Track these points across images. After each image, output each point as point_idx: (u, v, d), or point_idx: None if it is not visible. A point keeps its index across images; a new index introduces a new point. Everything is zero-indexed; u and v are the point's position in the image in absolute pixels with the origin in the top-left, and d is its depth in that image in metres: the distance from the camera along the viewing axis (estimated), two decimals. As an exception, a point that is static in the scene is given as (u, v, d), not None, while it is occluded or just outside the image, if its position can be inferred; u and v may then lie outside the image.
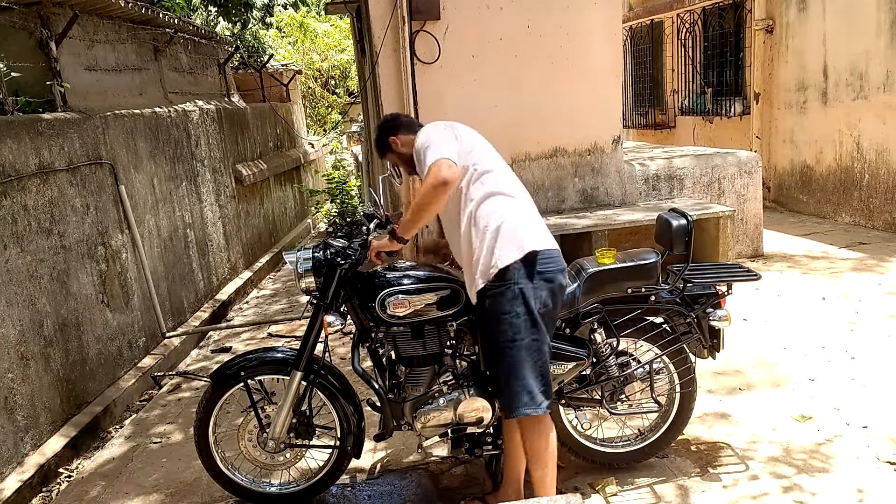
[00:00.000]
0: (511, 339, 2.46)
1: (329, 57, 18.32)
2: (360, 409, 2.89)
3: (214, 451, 2.94)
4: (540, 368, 2.47)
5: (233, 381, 2.85)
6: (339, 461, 2.94)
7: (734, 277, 2.99)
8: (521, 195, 2.60)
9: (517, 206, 2.54)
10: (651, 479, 2.95)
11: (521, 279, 2.44)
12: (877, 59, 6.80)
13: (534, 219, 2.57)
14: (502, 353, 2.49)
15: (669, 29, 10.29)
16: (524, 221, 2.51)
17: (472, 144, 2.57)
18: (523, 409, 2.45)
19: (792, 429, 3.29)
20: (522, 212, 2.54)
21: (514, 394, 2.46)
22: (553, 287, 2.49)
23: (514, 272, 2.43)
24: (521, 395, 2.45)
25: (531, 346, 2.45)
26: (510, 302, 2.44)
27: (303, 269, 2.69)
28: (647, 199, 6.18)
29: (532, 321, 2.44)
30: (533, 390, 2.45)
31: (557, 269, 2.51)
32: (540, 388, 2.46)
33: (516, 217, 2.50)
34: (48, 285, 3.89)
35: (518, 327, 2.44)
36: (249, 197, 8.21)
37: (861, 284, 5.30)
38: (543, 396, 2.46)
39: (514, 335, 2.45)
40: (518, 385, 2.45)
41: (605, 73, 5.82)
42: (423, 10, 5.31)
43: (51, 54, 4.49)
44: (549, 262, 2.49)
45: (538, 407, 2.45)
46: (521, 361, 2.45)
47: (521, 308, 2.43)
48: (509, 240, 2.45)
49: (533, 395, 2.44)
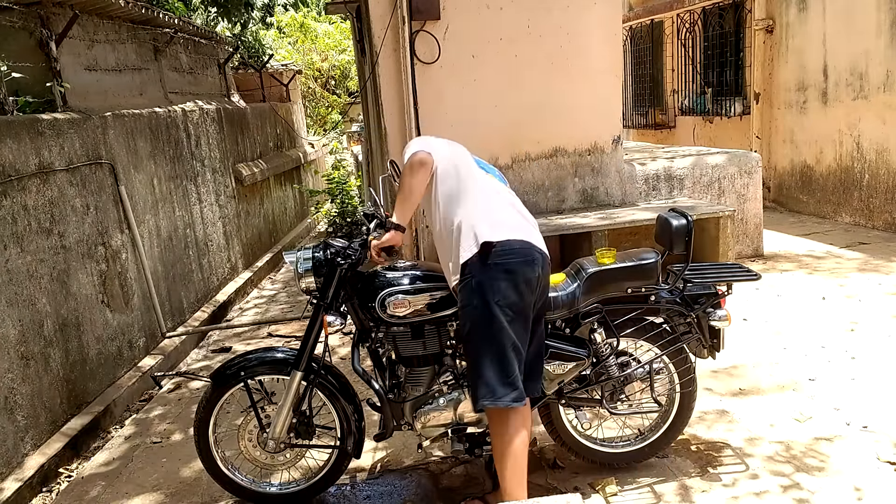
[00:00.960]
0: (468, 332, 2.49)
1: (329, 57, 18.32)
2: (360, 409, 2.89)
3: (214, 451, 2.94)
4: (499, 361, 2.44)
5: (233, 381, 2.85)
6: (339, 461, 2.94)
7: (734, 277, 2.99)
8: (489, 193, 2.63)
9: (479, 202, 2.57)
10: (651, 479, 2.95)
11: (477, 272, 2.46)
12: (877, 59, 6.80)
13: (499, 213, 2.58)
14: (465, 345, 2.55)
15: (669, 29, 10.29)
16: (485, 215, 2.53)
17: (441, 147, 2.63)
18: (482, 400, 2.45)
19: (792, 428, 3.29)
20: (484, 207, 2.56)
21: (474, 386, 2.49)
22: (514, 278, 2.46)
23: (471, 266, 2.47)
24: (480, 387, 2.45)
25: (489, 338, 2.45)
26: (468, 295, 2.48)
27: (303, 268, 2.69)
28: (646, 199, 6.18)
29: (489, 313, 2.43)
30: (490, 382, 2.43)
31: (520, 260, 2.48)
32: (499, 380, 2.43)
33: (476, 213, 2.53)
34: (48, 285, 3.89)
35: (475, 319, 2.46)
36: (249, 197, 8.21)
37: (861, 284, 5.30)
38: (504, 389, 2.43)
39: (472, 328, 2.48)
40: (476, 377, 2.47)
41: (605, 73, 5.83)
42: (423, 10, 5.31)
43: (51, 54, 4.49)
44: (509, 254, 2.47)
45: (498, 400, 2.43)
46: (480, 354, 2.46)
47: (478, 300, 2.44)
48: (467, 235, 2.50)
49: (491, 388, 2.43)
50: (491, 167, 2.87)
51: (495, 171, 2.88)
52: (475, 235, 2.48)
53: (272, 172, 9.09)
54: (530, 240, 2.55)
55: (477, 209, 2.54)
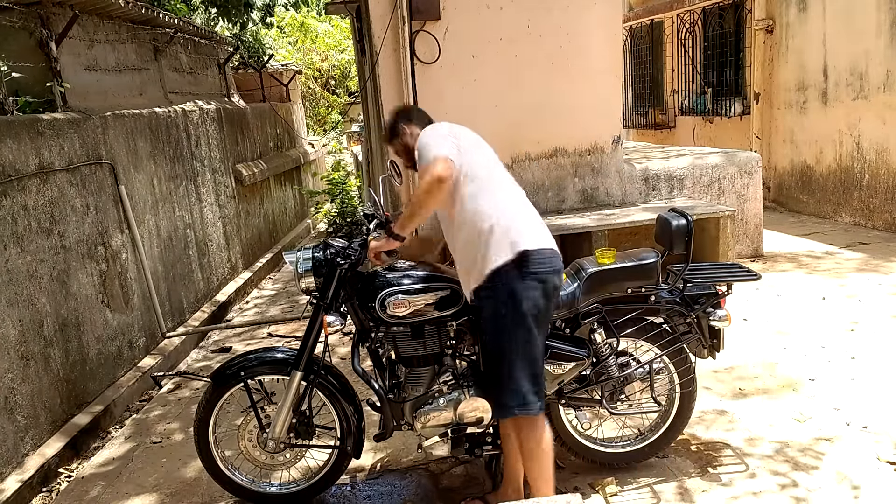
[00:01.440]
0: (501, 341, 2.46)
1: (329, 57, 18.32)
2: (360, 410, 2.89)
3: (214, 451, 2.94)
4: (531, 370, 2.46)
5: (233, 381, 2.85)
6: (339, 461, 2.94)
7: (734, 277, 2.99)
8: (516, 195, 2.59)
9: (510, 205, 2.52)
10: (651, 479, 2.95)
11: (512, 280, 2.42)
12: (877, 59, 6.80)
13: (528, 218, 2.54)
14: (494, 354, 2.50)
15: (669, 29, 10.29)
16: (517, 221, 2.49)
17: (471, 146, 2.56)
18: (514, 410, 2.46)
19: (792, 428, 3.29)
20: (515, 211, 2.52)
21: (505, 395, 2.47)
22: (546, 287, 2.46)
23: (504, 273, 2.42)
24: (513, 397, 2.45)
25: (521, 347, 2.45)
26: (501, 303, 2.43)
27: (303, 269, 2.70)
28: (646, 199, 6.18)
29: (522, 322, 2.43)
30: (524, 391, 2.44)
31: (551, 269, 2.47)
32: (531, 389, 2.45)
33: (509, 217, 2.48)
34: (48, 285, 3.89)
35: (508, 328, 2.43)
36: (249, 197, 8.21)
37: (861, 284, 5.30)
38: (535, 397, 2.46)
39: (501, 336, 2.45)
40: (509, 386, 2.46)
41: (605, 73, 5.82)
42: (423, 10, 5.31)
43: (51, 54, 4.49)
44: (542, 263, 2.45)
45: (529, 408, 2.45)
46: (512, 363, 2.45)
47: (509, 309, 2.42)
48: (500, 240, 2.43)
49: (524, 397, 2.44)
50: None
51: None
52: (511, 243, 2.43)
53: (272, 172, 9.09)
54: (556, 247, 2.54)
55: (508, 213, 2.49)
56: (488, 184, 2.52)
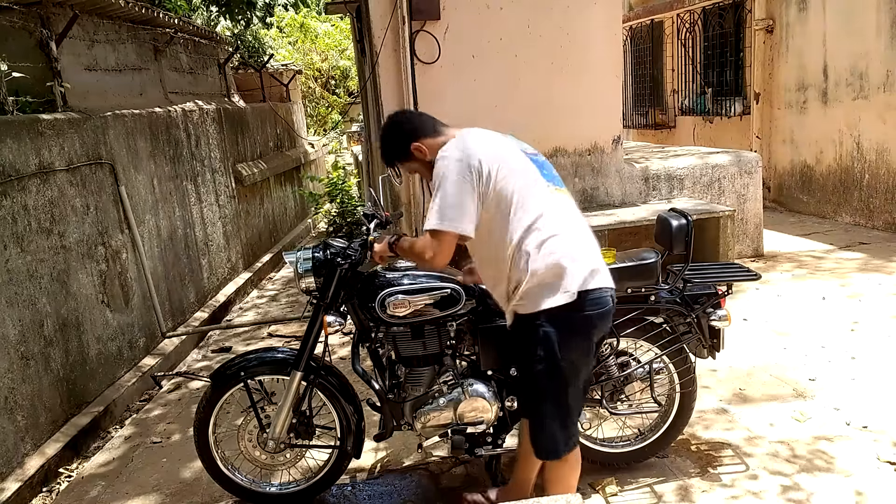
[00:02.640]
0: (534, 386, 2.33)
1: (329, 57, 18.32)
2: (360, 410, 2.89)
3: (214, 451, 2.94)
4: (559, 415, 2.32)
5: (232, 381, 2.85)
6: (338, 461, 2.94)
7: (734, 277, 2.99)
8: (573, 216, 2.32)
9: (567, 232, 2.25)
10: (651, 479, 2.95)
11: (553, 323, 2.21)
12: (877, 59, 6.80)
13: (587, 246, 2.29)
14: (526, 394, 2.40)
15: (669, 29, 10.29)
16: (573, 251, 2.23)
17: (502, 172, 2.21)
18: (543, 454, 2.38)
19: (792, 428, 3.29)
20: (573, 239, 2.25)
21: (537, 437, 2.37)
22: (591, 334, 2.29)
23: (551, 314, 2.20)
24: (544, 441, 2.35)
25: (551, 393, 2.31)
26: (534, 345, 2.25)
27: (303, 269, 2.70)
28: (646, 199, 6.18)
29: (555, 370, 2.25)
30: (555, 438, 2.33)
31: (601, 311, 2.25)
32: (563, 439, 2.34)
33: (565, 246, 2.21)
34: (48, 285, 3.89)
35: (541, 375, 2.27)
36: (249, 197, 8.21)
37: (861, 284, 5.30)
38: (566, 447, 2.35)
39: (538, 383, 2.30)
40: (540, 434, 2.36)
41: (605, 73, 5.83)
42: (423, 10, 5.31)
43: (51, 54, 4.49)
44: (595, 306, 2.23)
45: (557, 454, 2.36)
46: (544, 411, 2.33)
47: (545, 353, 2.24)
48: (555, 277, 2.18)
49: (554, 444, 2.34)
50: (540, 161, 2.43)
51: (544, 163, 2.44)
52: (568, 279, 2.18)
53: (272, 172, 9.09)
54: (607, 281, 2.30)
55: (564, 242, 2.21)
56: (537, 214, 2.22)
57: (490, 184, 2.20)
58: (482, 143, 2.27)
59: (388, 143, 2.46)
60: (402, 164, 2.48)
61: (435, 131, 2.39)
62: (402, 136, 2.40)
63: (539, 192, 2.27)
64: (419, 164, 2.42)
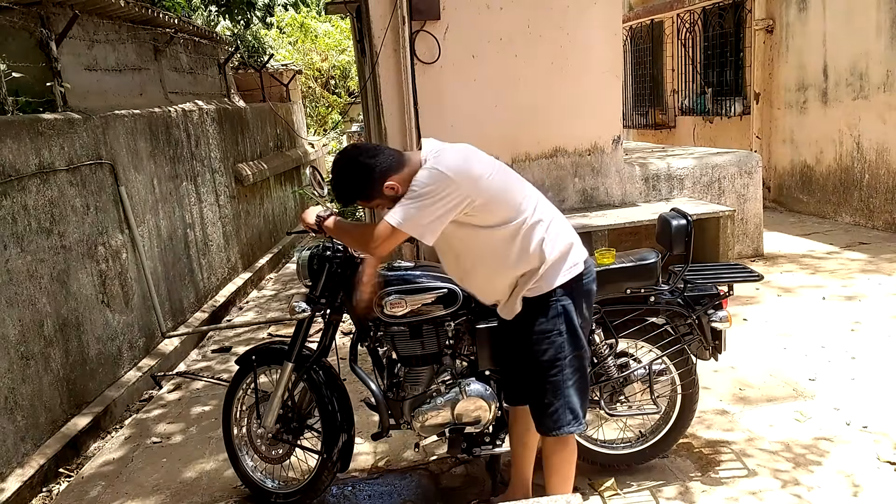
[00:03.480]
0: (556, 358, 2.38)
1: (329, 57, 18.33)
2: (352, 417, 2.85)
3: (234, 426, 3.02)
4: (583, 385, 2.44)
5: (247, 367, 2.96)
6: (320, 471, 2.84)
7: (735, 277, 2.98)
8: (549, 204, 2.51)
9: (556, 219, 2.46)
10: (651, 479, 2.95)
11: (567, 296, 2.38)
12: (877, 59, 6.80)
13: (569, 227, 2.51)
14: (546, 372, 2.40)
15: (669, 29, 10.29)
16: (567, 234, 2.46)
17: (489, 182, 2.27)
18: (567, 427, 2.40)
19: (792, 428, 3.29)
20: (564, 225, 2.49)
21: (558, 413, 2.40)
22: (591, 299, 2.51)
23: (563, 290, 2.38)
24: (566, 414, 2.40)
25: (575, 363, 2.41)
26: (552, 321, 2.37)
27: (304, 265, 2.80)
28: (647, 199, 6.18)
29: (576, 339, 2.40)
30: (576, 408, 2.41)
31: (592, 279, 2.50)
32: (582, 405, 2.44)
33: (559, 230, 2.42)
34: (48, 285, 3.89)
35: (563, 346, 2.38)
36: (249, 197, 8.21)
37: (862, 285, 5.30)
38: (584, 413, 2.45)
39: (559, 354, 2.38)
40: (562, 404, 2.40)
41: (605, 73, 5.82)
42: (423, 10, 5.31)
43: (51, 54, 4.49)
44: (589, 275, 2.48)
45: (580, 424, 2.42)
46: (567, 379, 2.39)
47: (564, 325, 2.38)
48: (562, 257, 2.38)
49: (576, 414, 2.41)
50: None
51: None
52: (574, 252, 2.42)
53: (272, 172, 9.09)
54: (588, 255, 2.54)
55: (561, 223, 2.46)
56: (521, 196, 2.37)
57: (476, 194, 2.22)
58: (459, 156, 2.28)
59: (355, 185, 2.30)
60: (364, 203, 2.39)
61: (400, 164, 2.28)
62: (373, 176, 2.25)
63: (523, 186, 2.43)
64: (388, 200, 2.30)
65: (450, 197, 2.18)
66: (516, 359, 2.52)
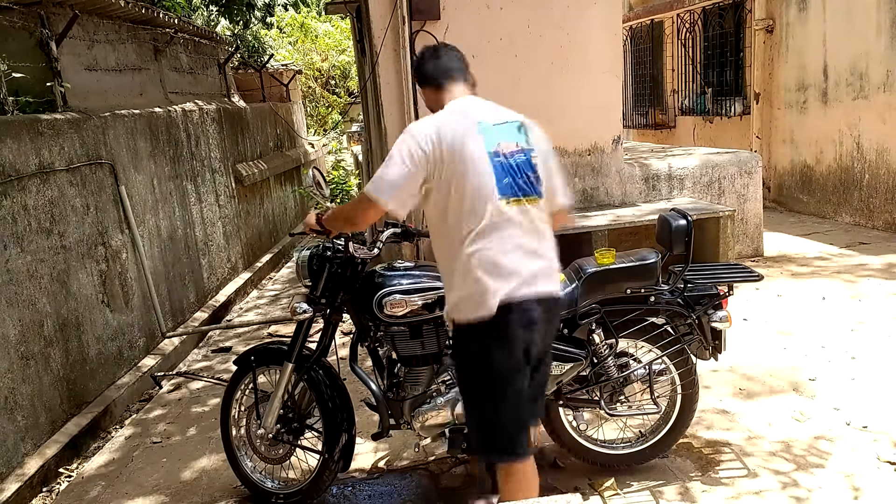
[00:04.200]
0: (464, 386, 2.29)
1: (329, 57, 18.33)
2: (352, 417, 2.86)
3: (232, 427, 3.01)
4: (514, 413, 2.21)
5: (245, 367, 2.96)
6: (322, 471, 2.85)
7: (735, 277, 2.98)
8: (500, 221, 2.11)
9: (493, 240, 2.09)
10: (651, 479, 2.95)
11: (475, 339, 2.15)
12: (877, 59, 6.80)
13: (511, 254, 2.10)
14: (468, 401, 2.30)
15: (669, 29, 10.29)
16: (496, 264, 2.09)
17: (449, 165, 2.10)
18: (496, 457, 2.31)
19: (792, 428, 3.29)
20: (498, 248, 2.09)
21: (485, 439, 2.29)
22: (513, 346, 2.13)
23: (472, 329, 2.13)
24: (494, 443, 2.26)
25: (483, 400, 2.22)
26: (463, 361, 2.24)
27: (304, 265, 2.80)
28: (647, 199, 6.18)
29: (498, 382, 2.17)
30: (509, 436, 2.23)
31: (524, 322, 2.11)
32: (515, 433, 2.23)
33: (487, 255, 2.09)
34: (48, 285, 3.89)
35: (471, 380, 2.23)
36: (249, 197, 8.21)
37: (862, 284, 5.30)
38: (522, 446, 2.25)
39: (467, 385, 2.27)
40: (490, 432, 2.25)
41: (605, 73, 5.82)
42: (423, 10, 5.31)
43: (51, 54, 4.49)
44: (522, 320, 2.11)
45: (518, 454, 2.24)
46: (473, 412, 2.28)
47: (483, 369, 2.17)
48: (476, 286, 2.09)
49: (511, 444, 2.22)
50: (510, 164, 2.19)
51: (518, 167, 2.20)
52: (487, 293, 2.07)
53: (272, 172, 9.09)
54: (538, 292, 2.13)
55: (486, 252, 2.08)
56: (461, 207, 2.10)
57: (434, 177, 2.11)
58: (448, 131, 2.13)
59: (416, 70, 2.48)
60: None
61: (439, 87, 2.36)
62: (418, 72, 2.43)
63: (482, 205, 2.09)
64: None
65: (412, 150, 2.10)
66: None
